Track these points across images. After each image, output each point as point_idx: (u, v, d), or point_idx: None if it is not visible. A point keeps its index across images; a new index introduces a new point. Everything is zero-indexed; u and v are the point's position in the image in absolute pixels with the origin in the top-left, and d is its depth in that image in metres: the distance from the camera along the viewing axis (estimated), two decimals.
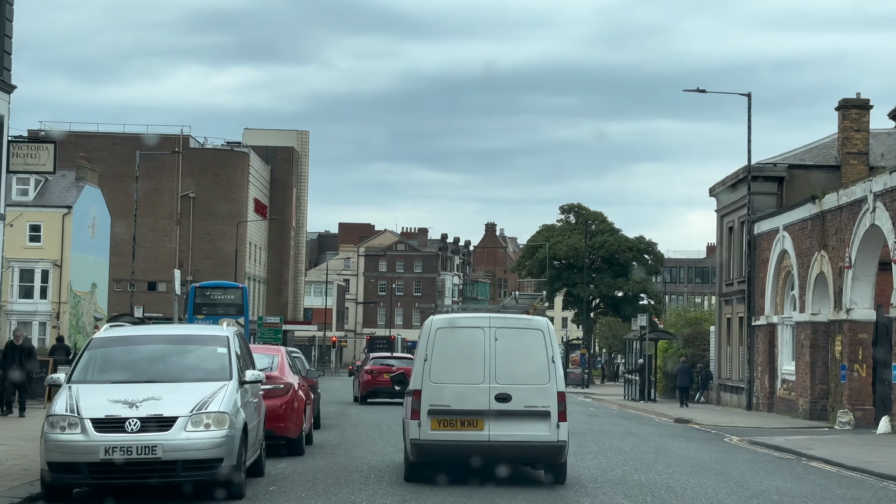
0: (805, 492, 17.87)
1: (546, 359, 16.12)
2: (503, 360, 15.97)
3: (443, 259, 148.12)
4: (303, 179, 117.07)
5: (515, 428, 15.81)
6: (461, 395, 15.90)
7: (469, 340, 16.11)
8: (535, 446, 15.94)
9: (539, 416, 15.89)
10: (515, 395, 15.84)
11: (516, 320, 16.77)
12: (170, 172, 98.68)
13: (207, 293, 59.84)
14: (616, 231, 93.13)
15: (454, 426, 15.83)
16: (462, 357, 16.06)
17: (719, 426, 36.22)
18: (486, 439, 15.81)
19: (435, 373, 16.00)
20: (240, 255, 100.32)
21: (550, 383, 16.10)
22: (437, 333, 16.20)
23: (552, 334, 16.38)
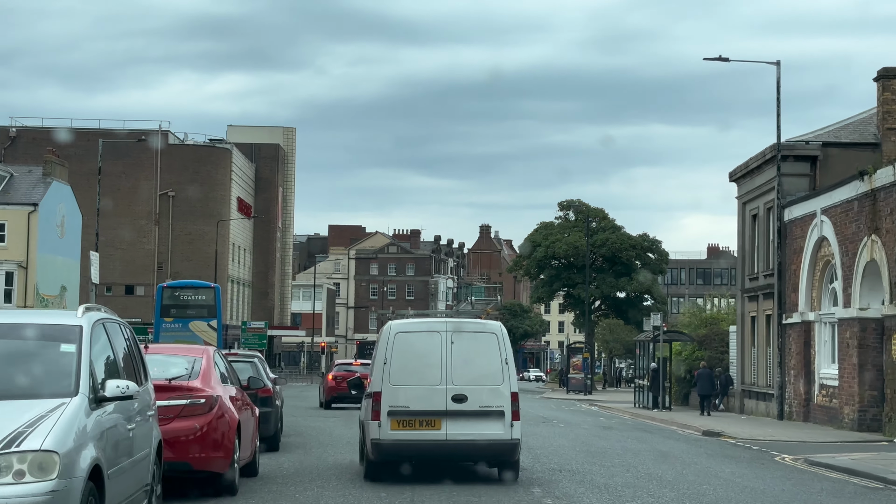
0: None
1: (500, 361, 16.52)
2: (459, 362, 16.41)
3: (436, 262, 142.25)
4: (289, 178, 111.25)
5: (471, 427, 16.27)
6: (419, 397, 16.31)
7: (426, 344, 16.51)
8: (490, 444, 16.41)
9: (494, 415, 16.33)
10: (471, 396, 16.29)
11: (471, 324, 17.33)
12: (148, 170, 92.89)
13: (176, 294, 54.13)
14: (618, 228, 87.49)
15: (413, 426, 16.25)
16: (420, 360, 16.41)
17: (757, 440, 30.61)
18: (443, 438, 16.26)
19: (394, 376, 16.37)
20: (222, 256, 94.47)
21: (504, 384, 16.47)
22: (396, 338, 16.59)
23: (505, 338, 16.79)
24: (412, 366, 16.46)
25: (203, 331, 53.28)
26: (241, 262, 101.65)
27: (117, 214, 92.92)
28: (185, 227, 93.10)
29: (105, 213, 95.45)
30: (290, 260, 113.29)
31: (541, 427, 33.68)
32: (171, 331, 53.02)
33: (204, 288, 54.99)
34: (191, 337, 53.00)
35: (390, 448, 16.36)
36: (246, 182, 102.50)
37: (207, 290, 54.49)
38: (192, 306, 53.72)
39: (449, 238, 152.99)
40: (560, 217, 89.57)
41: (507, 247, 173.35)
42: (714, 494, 16.65)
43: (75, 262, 77.90)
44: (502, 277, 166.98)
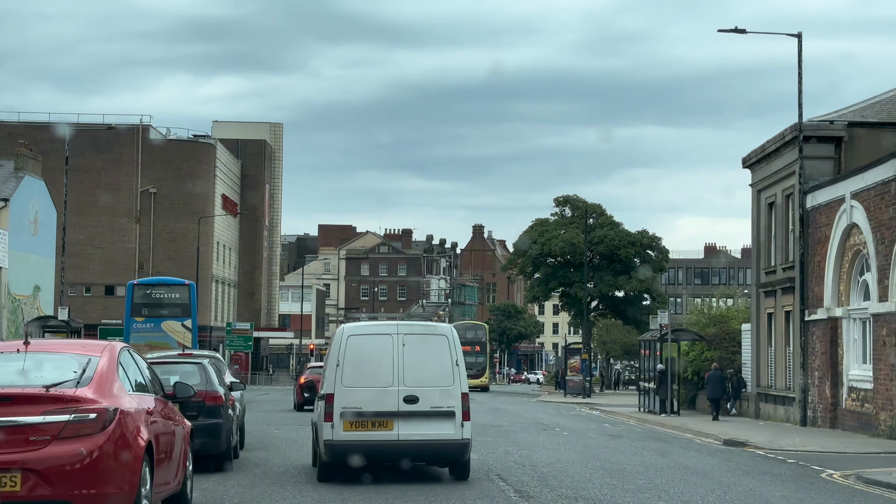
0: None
1: (451, 362, 16.63)
2: (411, 364, 16.49)
3: (428, 262, 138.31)
4: (277, 175, 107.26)
5: (423, 427, 16.33)
6: (372, 398, 16.34)
7: (378, 346, 16.58)
8: (441, 444, 16.53)
9: (445, 416, 16.41)
10: (422, 397, 16.34)
11: (422, 327, 17.72)
12: (129, 166, 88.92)
13: (148, 291, 50.21)
14: (617, 225, 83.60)
15: (366, 427, 16.29)
16: (372, 362, 16.44)
17: (787, 450, 26.81)
18: (395, 438, 16.30)
19: (347, 377, 16.42)
20: (205, 255, 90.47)
21: (455, 385, 16.57)
22: (349, 340, 16.68)
23: (456, 340, 16.89)
24: (364, 368, 16.46)
25: (176, 331, 49.40)
26: (226, 261, 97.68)
27: (97, 212, 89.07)
28: (167, 225, 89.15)
29: (85, 210, 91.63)
30: (277, 259, 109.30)
31: (542, 436, 29.80)
32: (142, 331, 49.16)
33: (177, 285, 51.07)
34: (163, 338, 49.16)
35: (343, 449, 16.39)
36: (231, 179, 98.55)
37: (181, 288, 50.57)
38: (165, 305, 49.85)
39: (441, 238, 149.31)
40: (556, 213, 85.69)
41: (501, 247, 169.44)
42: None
43: (49, 260, 73.83)
44: (495, 278, 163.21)
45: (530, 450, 24.42)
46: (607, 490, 16.67)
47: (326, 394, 16.59)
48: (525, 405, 56.91)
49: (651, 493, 16.43)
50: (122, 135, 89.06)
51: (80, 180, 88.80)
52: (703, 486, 17.58)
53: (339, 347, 16.66)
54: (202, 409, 17.69)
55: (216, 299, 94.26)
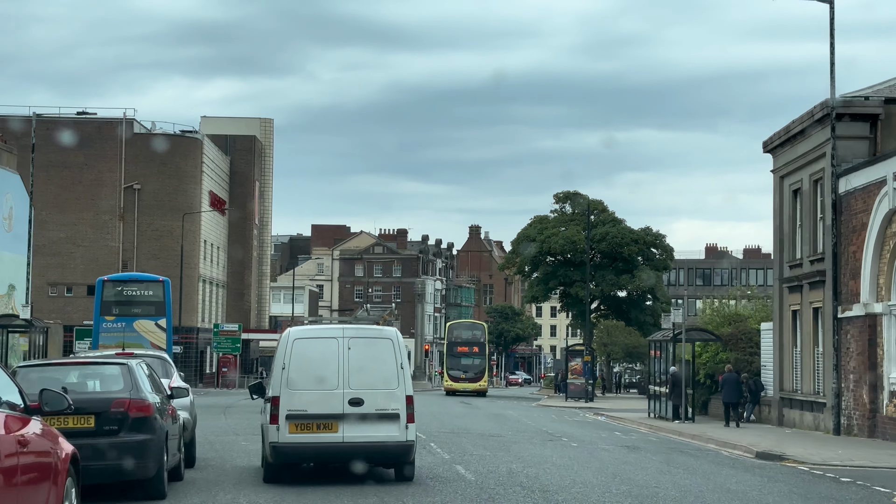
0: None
1: (395, 365, 16.68)
2: (356, 367, 16.53)
3: (424, 262, 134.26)
4: (267, 172, 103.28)
5: (368, 430, 16.37)
6: (317, 401, 16.39)
7: (324, 350, 16.61)
8: (386, 446, 16.53)
9: (389, 418, 16.46)
10: (367, 400, 16.41)
11: (368, 330, 18.03)
12: (112, 161, 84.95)
13: (119, 288, 46.27)
14: (619, 222, 79.71)
15: (311, 429, 16.31)
16: (318, 365, 16.50)
17: (833, 465, 23.04)
18: (340, 441, 16.36)
19: (292, 380, 16.43)
20: (191, 253, 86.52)
21: (400, 388, 16.58)
22: (295, 344, 16.70)
23: (401, 343, 16.98)
24: (310, 371, 16.43)
25: (150, 331, 45.48)
26: (214, 260, 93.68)
27: (79, 209, 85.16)
28: (152, 223, 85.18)
29: (66, 207, 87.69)
30: (268, 259, 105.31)
31: (550, 448, 25.87)
32: (113, 331, 45.25)
33: (151, 282, 47.12)
34: (136, 338, 45.23)
35: (288, 450, 16.40)
36: (219, 175, 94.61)
37: (155, 285, 46.63)
38: (138, 303, 45.92)
39: (437, 238, 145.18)
40: (556, 210, 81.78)
41: (498, 248, 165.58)
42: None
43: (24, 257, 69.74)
44: (492, 279, 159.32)
45: (538, 467, 20.52)
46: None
47: (272, 396, 16.46)
48: (525, 410, 53.02)
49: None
50: (105, 129, 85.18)
51: (61, 176, 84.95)
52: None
53: (285, 351, 16.60)
54: (124, 423, 13.85)
55: (203, 299, 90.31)
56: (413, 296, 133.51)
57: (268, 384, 17.29)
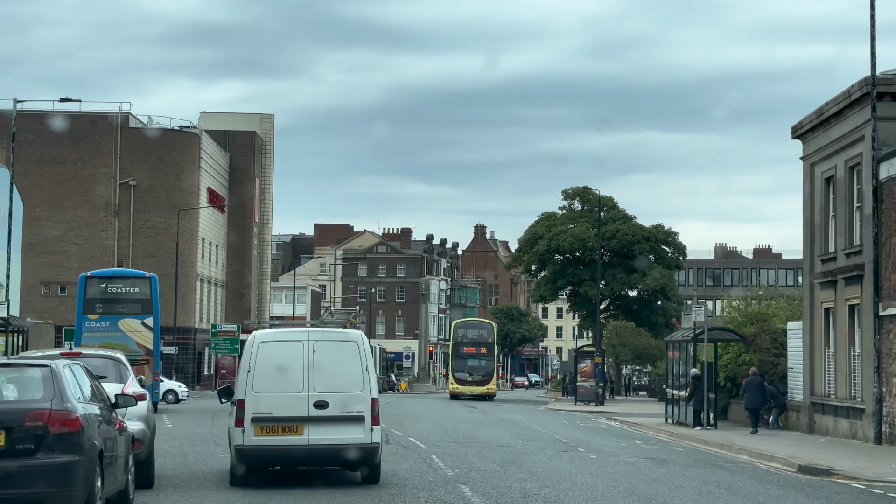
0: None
1: (360, 368, 16.66)
2: (321, 370, 16.47)
3: (428, 262, 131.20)
4: (267, 169, 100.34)
5: (333, 432, 16.37)
6: (282, 404, 16.34)
7: (289, 353, 16.57)
8: (351, 448, 16.46)
9: (354, 420, 16.44)
10: (332, 402, 16.39)
11: (333, 333, 18.18)
12: (106, 156, 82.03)
13: (103, 285, 43.34)
14: (629, 219, 76.61)
15: (276, 432, 16.27)
16: (283, 368, 16.45)
17: (892, 482, 19.98)
18: (305, 443, 16.35)
19: (258, 383, 16.37)
20: (189, 251, 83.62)
21: (365, 390, 16.59)
22: (260, 347, 16.64)
23: (366, 346, 16.89)
24: (275, 374, 16.26)
25: (135, 330, 42.56)
26: (212, 259, 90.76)
27: (73, 206, 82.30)
28: (148, 220, 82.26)
29: (59, 204, 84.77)
30: (268, 258, 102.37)
31: (566, 461, 22.88)
32: (96, 330, 42.34)
33: (137, 278, 44.18)
34: (121, 338, 42.33)
35: (254, 454, 16.32)
36: (218, 172, 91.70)
37: (141, 281, 43.69)
38: (123, 300, 42.97)
39: (442, 238, 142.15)
40: (564, 207, 78.68)
41: (503, 248, 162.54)
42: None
43: (15, 255, 66.80)
44: (498, 280, 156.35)
45: (556, 487, 17.54)
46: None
47: (238, 399, 16.42)
48: (534, 415, 50.07)
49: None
50: (99, 123, 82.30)
51: (54, 172, 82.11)
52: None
53: (251, 354, 16.52)
54: (43, 440, 10.89)
55: (201, 299, 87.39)
56: (417, 296, 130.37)
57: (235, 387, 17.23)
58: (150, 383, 41.96)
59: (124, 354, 41.94)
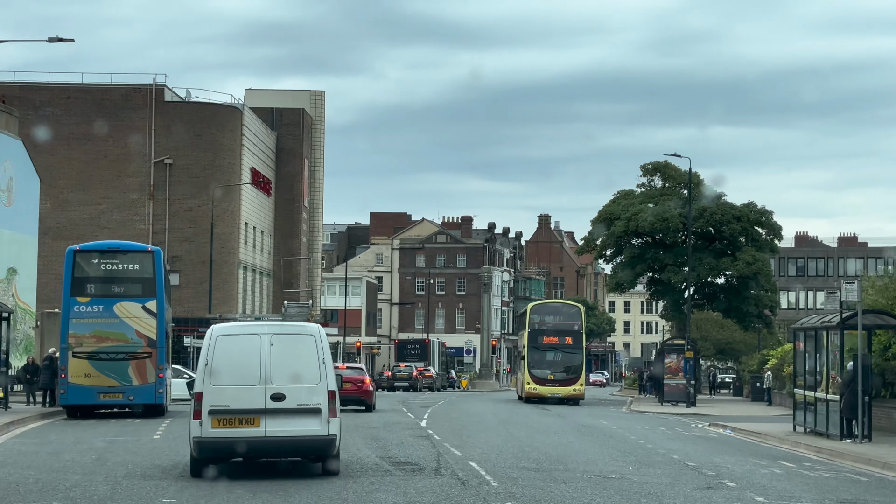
0: None
1: (317, 361, 16.72)
2: (278, 363, 16.55)
3: (490, 252, 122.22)
4: (318, 150, 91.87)
5: (289, 424, 16.45)
6: (239, 396, 16.46)
7: (246, 346, 16.67)
8: (307, 440, 16.61)
9: (311, 412, 16.55)
10: (289, 395, 16.48)
11: (290, 327, 18.09)
12: (140, 133, 74.01)
13: (94, 261, 34.92)
14: (718, 196, 67.27)
15: (233, 424, 16.39)
16: (240, 361, 16.56)
17: None
18: (262, 435, 16.43)
19: (215, 376, 16.49)
20: (230, 237, 75.49)
21: (321, 383, 16.65)
22: (218, 340, 16.75)
23: (323, 339, 17.01)
24: (232, 367, 16.46)
25: (135, 316, 34.18)
26: (257, 246, 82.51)
27: (104, 187, 74.39)
28: (185, 202, 74.15)
29: (89, 185, 76.91)
30: (319, 245, 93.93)
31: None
32: (87, 316, 34.09)
33: (137, 253, 35.78)
34: (116, 326, 34.12)
35: (210, 445, 16.39)
36: (263, 152, 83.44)
37: (142, 257, 35.29)
38: (120, 280, 34.62)
39: (504, 226, 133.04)
40: (643, 185, 69.50)
41: (569, 239, 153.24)
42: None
43: (31, 237, 58.73)
44: (563, 272, 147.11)
45: None
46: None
47: (196, 392, 16.56)
48: (620, 419, 41.07)
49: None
50: (132, 97, 74.34)
51: (84, 150, 74.28)
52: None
53: (208, 347, 16.60)
54: None
55: (244, 289, 79.18)
56: (478, 288, 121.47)
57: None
58: (152, 380, 33.62)
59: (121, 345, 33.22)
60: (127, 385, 33.61)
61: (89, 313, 33.80)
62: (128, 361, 33.75)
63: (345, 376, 36.54)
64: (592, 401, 66.65)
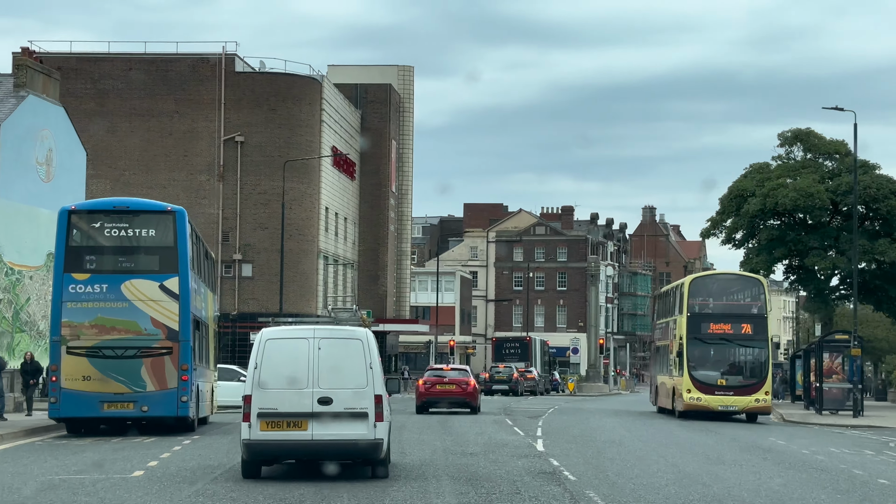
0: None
1: (364, 365, 16.54)
2: (325, 367, 16.48)
3: (593, 245, 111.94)
4: (406, 130, 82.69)
5: (336, 428, 16.34)
6: (287, 399, 16.35)
7: (294, 350, 16.62)
8: (354, 444, 16.44)
9: (357, 416, 16.39)
10: (336, 399, 16.36)
11: (338, 331, 17.68)
12: (208, 108, 65.57)
13: (96, 225, 25.86)
14: (872, 168, 56.53)
15: (281, 427, 16.29)
16: (288, 365, 16.47)
17: None
18: (309, 438, 16.33)
19: (264, 379, 16.42)
20: (308, 223, 66.71)
21: (368, 387, 16.48)
22: (267, 344, 16.67)
23: (371, 344, 16.80)
24: (281, 370, 16.38)
25: (150, 298, 25.09)
26: (339, 234, 73.56)
27: (168, 167, 66.03)
28: (258, 184, 65.47)
29: (153, 164, 68.20)
30: (408, 235, 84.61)
31: None
32: (85, 299, 25.05)
33: (153, 214, 26.46)
34: (126, 311, 25.08)
35: (259, 448, 16.35)
36: (346, 131, 74.48)
37: (159, 219, 26.06)
38: (129, 250, 25.50)
39: (608, 217, 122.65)
40: (780, 156, 58.83)
41: (675, 232, 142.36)
42: None
43: None
44: (669, 267, 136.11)
45: None
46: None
47: (245, 395, 16.41)
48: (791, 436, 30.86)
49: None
50: (200, 68, 65.84)
51: (147, 127, 65.95)
52: None
53: (258, 351, 16.49)
54: None
55: (324, 281, 70.23)
56: (581, 283, 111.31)
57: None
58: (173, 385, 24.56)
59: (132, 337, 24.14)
60: (139, 391, 24.57)
61: (89, 295, 24.78)
62: (140, 359, 24.72)
63: (448, 377, 36.86)
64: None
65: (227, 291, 65.50)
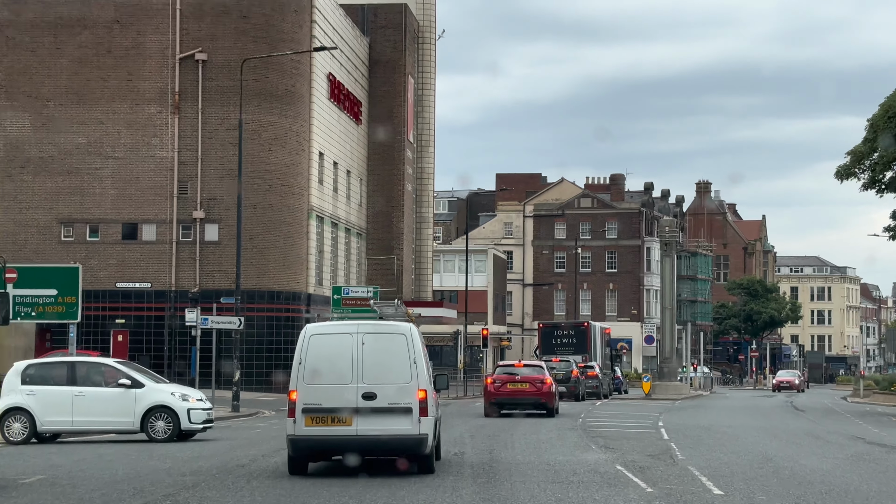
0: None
1: (408, 360, 16.47)
2: (370, 362, 16.39)
3: (647, 220, 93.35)
4: (428, 65, 64.33)
5: (380, 423, 16.27)
6: (331, 395, 16.33)
7: (339, 345, 16.58)
8: (398, 439, 16.42)
9: (402, 411, 16.31)
10: (380, 394, 16.28)
11: (382, 326, 17.74)
12: (158, 15, 47.79)
13: None
14: None
15: (325, 423, 16.32)
16: (332, 360, 16.47)
17: None
18: (354, 434, 16.27)
19: (308, 375, 16.45)
20: (294, 170, 48.82)
21: (412, 382, 16.36)
22: (311, 340, 16.66)
23: (415, 338, 16.68)
24: (325, 366, 16.37)
25: None
26: (340, 189, 55.27)
27: (107, 98, 48.10)
28: (225, 118, 47.55)
29: (86, 96, 49.22)
30: (430, 199, 66.13)
31: None
32: None
33: None
34: None
35: (304, 444, 16.44)
36: (349, 61, 56.32)
37: None
38: None
39: (663, 188, 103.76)
40: None
41: (732, 212, 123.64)
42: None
43: None
44: (727, 249, 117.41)
45: None
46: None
47: (290, 391, 16.51)
48: None
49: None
50: None
51: (78, 42, 48.09)
52: None
53: (302, 346, 16.48)
54: None
55: (319, 250, 52.12)
56: (633, 264, 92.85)
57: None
58: None
59: None
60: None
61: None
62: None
63: (521, 375, 34.22)
64: (818, 410, 41.14)
65: (185, 261, 47.79)
